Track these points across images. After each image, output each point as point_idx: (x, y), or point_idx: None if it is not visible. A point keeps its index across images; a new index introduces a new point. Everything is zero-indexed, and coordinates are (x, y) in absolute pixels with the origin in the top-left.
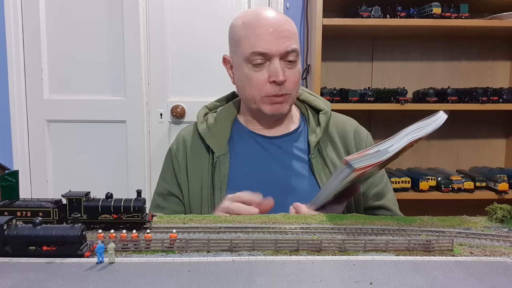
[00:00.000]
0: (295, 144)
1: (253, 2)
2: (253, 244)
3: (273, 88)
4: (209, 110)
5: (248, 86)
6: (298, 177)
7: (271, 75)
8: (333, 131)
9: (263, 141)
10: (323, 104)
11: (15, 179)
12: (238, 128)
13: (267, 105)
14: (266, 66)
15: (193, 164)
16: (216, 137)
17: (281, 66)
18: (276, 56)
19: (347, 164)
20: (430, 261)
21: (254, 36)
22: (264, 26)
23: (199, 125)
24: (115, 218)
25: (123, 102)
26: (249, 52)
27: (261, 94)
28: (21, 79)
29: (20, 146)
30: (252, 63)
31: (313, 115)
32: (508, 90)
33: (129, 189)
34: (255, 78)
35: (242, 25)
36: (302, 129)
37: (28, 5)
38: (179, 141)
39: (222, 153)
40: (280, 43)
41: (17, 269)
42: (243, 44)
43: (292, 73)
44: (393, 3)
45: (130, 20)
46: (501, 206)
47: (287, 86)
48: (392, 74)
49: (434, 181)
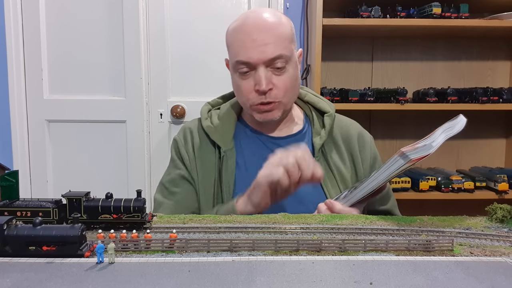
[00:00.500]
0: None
1: (253, 2)
2: (253, 244)
3: (259, 97)
4: (212, 106)
5: (238, 93)
6: None
7: (256, 83)
8: (337, 134)
9: (267, 141)
10: (328, 107)
11: (15, 179)
12: (242, 126)
13: (256, 113)
14: (252, 75)
15: (201, 158)
16: (221, 132)
17: (267, 74)
18: (260, 65)
19: (403, 155)
20: (430, 261)
21: (238, 44)
22: (248, 34)
23: (203, 121)
24: (115, 218)
25: (123, 102)
26: (234, 61)
27: (249, 102)
28: (21, 79)
29: (20, 146)
30: (239, 72)
31: (317, 117)
32: (508, 90)
33: (129, 189)
34: (242, 86)
35: (231, 31)
36: (306, 131)
37: (28, 5)
38: (186, 132)
39: (228, 148)
40: (263, 50)
41: (17, 269)
42: (230, 51)
43: (281, 80)
44: (393, 3)
45: (130, 20)
46: (501, 206)
47: (274, 94)
48: (392, 74)
49: (434, 181)
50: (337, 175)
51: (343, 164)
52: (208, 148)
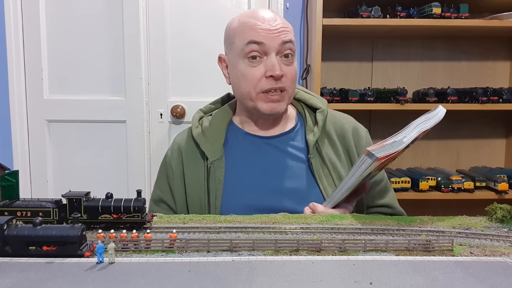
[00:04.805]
0: (292, 143)
1: (253, 2)
2: (253, 244)
3: (269, 83)
4: (204, 113)
5: (243, 82)
6: (296, 178)
7: (268, 69)
8: (330, 129)
9: (259, 142)
10: (320, 102)
11: (15, 179)
12: (234, 130)
13: (263, 102)
14: (262, 62)
15: (189, 170)
16: (210, 141)
17: (278, 61)
18: (272, 51)
19: (369, 154)
20: (430, 261)
21: (250, 30)
22: (260, 22)
23: (193, 129)
24: (115, 218)
25: (123, 102)
26: (245, 43)
27: (256, 89)
28: (21, 79)
29: (20, 146)
30: (248, 58)
31: (309, 114)
32: (508, 90)
33: (129, 189)
34: (250, 73)
35: (238, 23)
36: (299, 128)
37: (28, 5)
38: (174, 147)
39: (216, 158)
40: (276, 35)
41: (17, 269)
42: (238, 38)
43: (289, 69)
44: (393, 3)
45: (130, 20)
46: (501, 206)
47: (284, 81)
48: (392, 74)
49: (434, 181)
50: (333, 171)
51: (338, 160)
52: (197, 159)
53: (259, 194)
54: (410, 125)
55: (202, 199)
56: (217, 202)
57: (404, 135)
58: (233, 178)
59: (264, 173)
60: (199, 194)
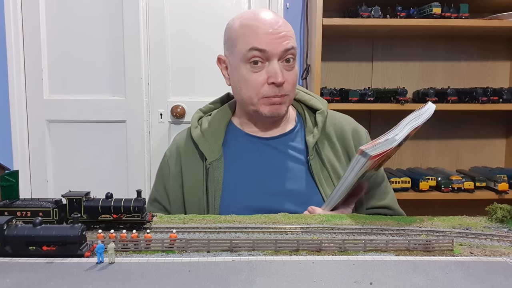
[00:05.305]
0: (291, 144)
1: (253, 2)
2: (253, 244)
3: (272, 89)
4: (203, 113)
5: (245, 87)
6: (296, 179)
7: (270, 76)
8: (330, 130)
9: (258, 143)
10: (320, 103)
11: (15, 179)
12: (233, 131)
13: (265, 106)
14: (264, 68)
15: (188, 170)
16: (209, 141)
17: (280, 67)
18: (274, 57)
19: (363, 153)
20: (430, 261)
21: (252, 34)
22: (262, 26)
23: (192, 130)
24: (115, 218)
25: (123, 102)
26: (247, 49)
27: (258, 95)
28: (21, 79)
29: (20, 146)
30: (250, 63)
31: (309, 115)
32: (508, 90)
33: (129, 189)
34: (252, 79)
35: (240, 25)
36: (298, 129)
37: (28, 5)
38: (172, 148)
39: (215, 159)
40: (278, 42)
41: (17, 269)
42: (240, 42)
43: (290, 75)
44: (393, 3)
45: (130, 20)
46: (501, 206)
47: (285, 88)
48: (392, 74)
49: (434, 181)
50: (332, 173)
51: (338, 162)
52: (196, 160)
53: (258, 195)
54: (401, 122)
55: (201, 200)
56: (216, 202)
57: (396, 132)
58: (232, 179)
59: (263, 174)
60: (198, 194)
